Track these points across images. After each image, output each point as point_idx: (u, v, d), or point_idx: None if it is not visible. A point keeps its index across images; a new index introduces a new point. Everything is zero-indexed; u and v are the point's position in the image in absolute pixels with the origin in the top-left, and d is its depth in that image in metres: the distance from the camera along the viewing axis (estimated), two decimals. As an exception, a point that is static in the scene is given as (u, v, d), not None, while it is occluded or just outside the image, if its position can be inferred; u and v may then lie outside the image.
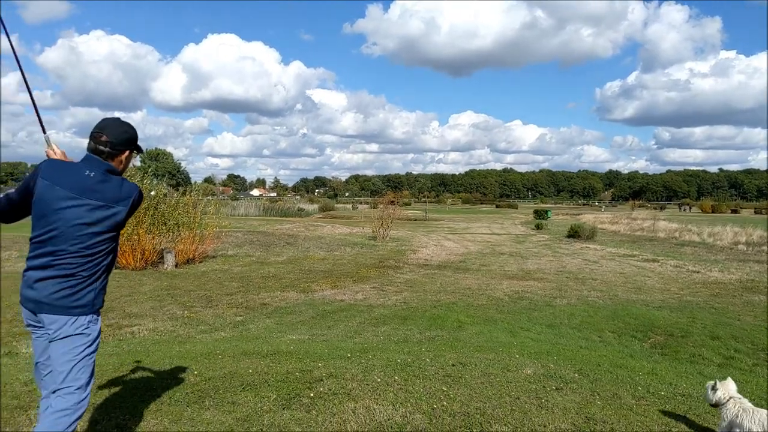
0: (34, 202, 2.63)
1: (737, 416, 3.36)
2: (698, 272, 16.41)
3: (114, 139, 2.71)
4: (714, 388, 3.60)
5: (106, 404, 3.84)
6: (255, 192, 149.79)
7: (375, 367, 4.81)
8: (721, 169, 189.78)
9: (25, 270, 2.69)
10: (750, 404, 3.43)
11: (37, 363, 2.82)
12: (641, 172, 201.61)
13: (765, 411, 3.33)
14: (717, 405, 3.57)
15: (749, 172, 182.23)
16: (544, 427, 3.67)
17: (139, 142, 2.89)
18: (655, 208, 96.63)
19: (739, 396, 3.53)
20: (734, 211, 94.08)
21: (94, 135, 2.72)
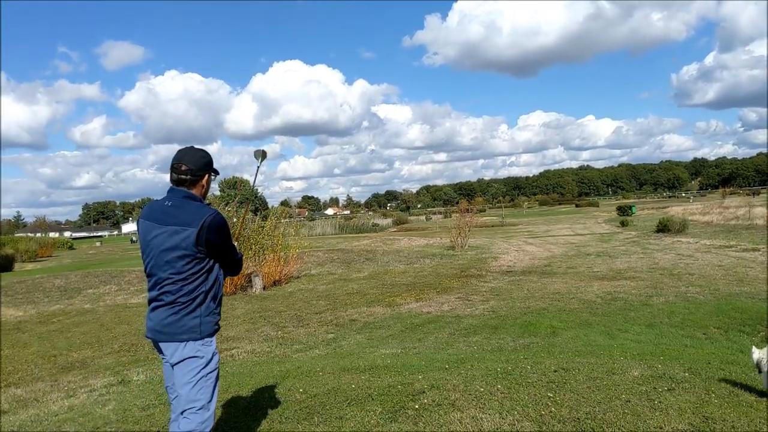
0: (140, 240, 2.96)
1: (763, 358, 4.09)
2: (809, 259, 15.17)
3: (193, 166, 2.90)
4: (752, 353, 4.24)
5: (220, 424, 4.07)
6: (329, 211, 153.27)
7: (475, 377, 4.81)
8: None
9: (148, 303, 2.98)
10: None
11: (167, 387, 3.06)
12: (729, 157, 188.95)
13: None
14: (758, 365, 4.19)
15: None
16: (660, 429, 3.54)
17: (216, 170, 3.07)
18: (748, 194, 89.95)
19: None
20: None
21: (174, 166, 2.91)
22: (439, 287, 13.72)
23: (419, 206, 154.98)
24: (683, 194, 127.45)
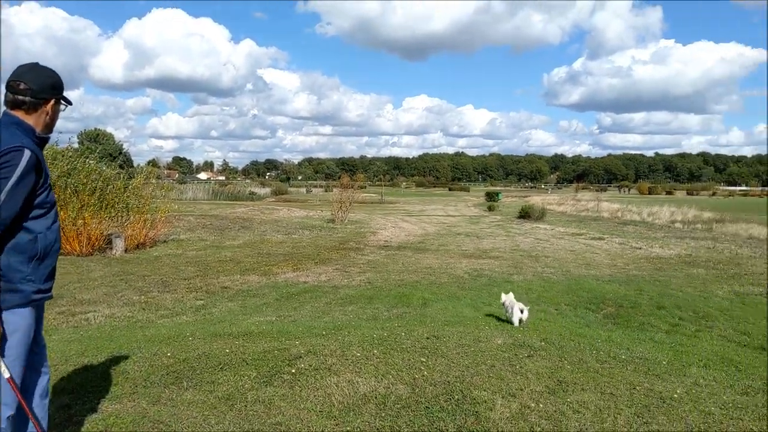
0: None
1: (509, 302, 6.62)
2: (641, 248, 17.23)
3: (35, 86, 2.38)
4: (501, 297, 6.88)
5: (77, 389, 3.73)
6: (202, 175, 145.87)
7: (352, 343, 4.87)
8: (657, 153, 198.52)
9: None
10: (512, 298, 6.69)
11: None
12: (584, 155, 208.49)
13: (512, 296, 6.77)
14: (503, 305, 6.76)
15: (682, 156, 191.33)
16: (521, 390, 3.84)
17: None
18: (597, 190, 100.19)
19: (511, 298, 6.68)
20: (669, 193, 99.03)
21: (10, 84, 2.37)
22: (318, 258, 13.70)
23: (300, 178, 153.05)
24: (543, 186, 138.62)
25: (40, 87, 2.40)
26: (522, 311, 6.43)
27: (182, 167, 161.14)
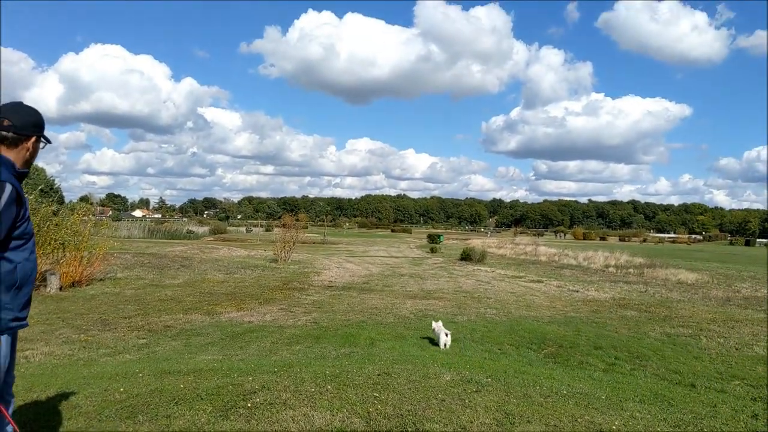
0: None
1: (438, 329, 8.39)
2: (578, 291, 17.99)
3: (18, 123, 2.49)
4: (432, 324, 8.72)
5: (29, 423, 3.63)
6: (137, 213, 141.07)
7: (305, 380, 4.92)
8: (590, 200, 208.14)
9: None
10: (440, 325, 8.60)
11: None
12: (521, 201, 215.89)
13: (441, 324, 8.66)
14: (434, 331, 8.59)
15: (614, 204, 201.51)
16: (471, 422, 4.00)
17: (47, 137, 2.60)
18: (534, 235, 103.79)
19: (440, 325, 8.57)
20: (602, 239, 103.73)
21: None
22: (261, 298, 13.56)
23: (239, 217, 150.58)
24: (482, 229, 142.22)
25: (23, 124, 2.51)
26: (447, 335, 8.46)
27: (116, 204, 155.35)
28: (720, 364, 8.56)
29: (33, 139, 2.56)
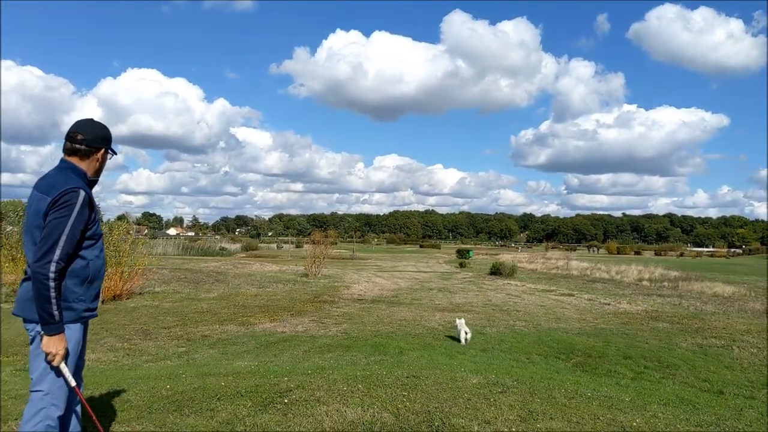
0: None
1: (459, 325, 9.78)
2: (609, 304, 17.85)
3: (89, 137, 2.82)
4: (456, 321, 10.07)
5: (84, 414, 3.97)
6: (172, 231, 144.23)
7: (337, 380, 5.18)
8: (624, 214, 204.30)
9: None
10: (462, 323, 9.98)
11: None
12: (553, 215, 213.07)
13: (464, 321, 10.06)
14: (458, 328, 9.93)
15: (649, 217, 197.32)
16: (496, 418, 4.20)
17: (114, 150, 2.92)
18: (567, 249, 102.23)
19: (462, 322, 9.95)
20: (637, 253, 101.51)
21: (70, 135, 2.81)
22: (293, 310, 13.90)
23: (270, 234, 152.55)
24: (513, 244, 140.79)
25: (93, 138, 2.86)
26: (467, 333, 9.84)
27: (152, 222, 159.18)
28: (752, 374, 8.50)
29: (102, 151, 2.91)
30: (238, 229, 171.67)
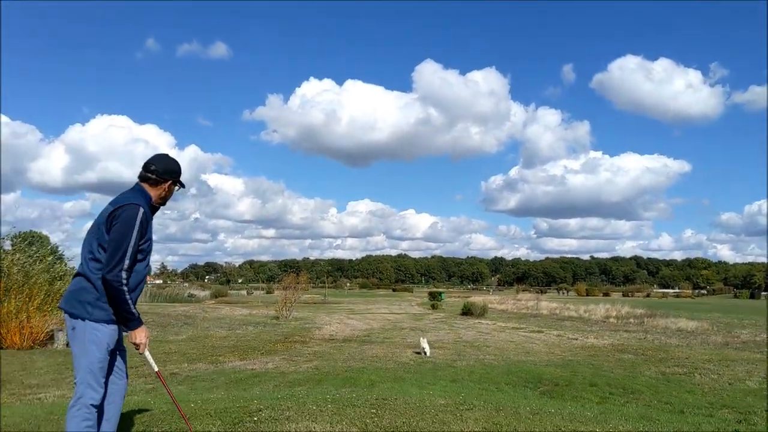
0: None
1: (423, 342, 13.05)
2: (577, 339, 18.15)
3: (160, 168, 3.21)
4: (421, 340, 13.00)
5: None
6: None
7: (307, 401, 5.25)
8: (592, 257, 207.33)
9: None
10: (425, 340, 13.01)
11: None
12: (523, 259, 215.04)
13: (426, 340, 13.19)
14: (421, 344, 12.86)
15: (616, 260, 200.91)
16: (462, 430, 4.32)
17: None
18: (537, 292, 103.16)
19: (425, 340, 13.08)
20: (605, 294, 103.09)
21: (145, 164, 3.22)
22: (264, 350, 13.77)
23: (240, 280, 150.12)
24: (484, 287, 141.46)
25: (164, 170, 3.24)
26: (426, 347, 12.92)
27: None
28: (712, 397, 8.77)
29: (169, 182, 3.28)
30: (207, 276, 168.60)
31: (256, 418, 4.46)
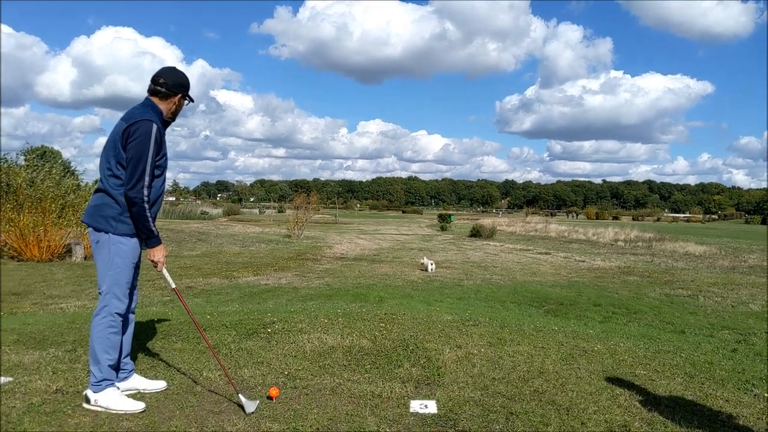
0: None
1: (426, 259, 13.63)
2: (584, 261, 18.37)
3: (170, 82, 3.15)
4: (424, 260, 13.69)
5: (81, 341, 4.17)
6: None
7: (319, 315, 5.43)
8: (604, 181, 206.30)
9: None
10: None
11: None
12: (534, 182, 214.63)
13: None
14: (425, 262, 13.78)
15: (628, 184, 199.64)
16: (467, 344, 4.48)
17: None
18: (547, 215, 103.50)
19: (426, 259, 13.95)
20: (615, 218, 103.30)
21: (153, 78, 3.17)
22: (276, 266, 14.12)
23: (252, 199, 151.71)
24: (494, 210, 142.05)
25: (173, 83, 3.17)
26: (432, 264, 13.71)
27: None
28: (713, 318, 8.96)
29: (179, 96, 3.22)
30: (219, 194, 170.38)
31: (269, 330, 4.64)
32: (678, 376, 3.92)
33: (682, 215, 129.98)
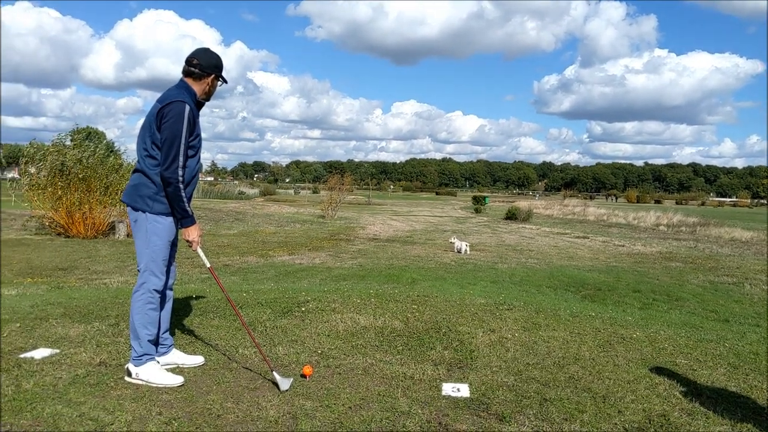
0: None
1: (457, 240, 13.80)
2: (623, 246, 17.96)
3: (204, 63, 3.18)
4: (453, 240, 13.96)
5: (124, 316, 4.30)
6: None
7: (352, 295, 5.46)
8: (646, 163, 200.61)
9: None
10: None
11: None
12: (573, 164, 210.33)
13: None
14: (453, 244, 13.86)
15: (672, 167, 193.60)
16: (500, 328, 4.44)
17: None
18: (586, 198, 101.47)
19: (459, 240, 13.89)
20: (657, 202, 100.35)
21: (188, 59, 3.20)
22: (311, 246, 14.26)
23: (287, 180, 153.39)
24: (530, 192, 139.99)
25: (207, 64, 3.20)
26: (466, 245, 13.83)
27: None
28: (760, 307, 8.66)
29: (212, 76, 3.24)
30: (256, 175, 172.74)
31: (303, 309, 4.69)
32: (721, 367, 3.80)
33: (729, 199, 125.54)
